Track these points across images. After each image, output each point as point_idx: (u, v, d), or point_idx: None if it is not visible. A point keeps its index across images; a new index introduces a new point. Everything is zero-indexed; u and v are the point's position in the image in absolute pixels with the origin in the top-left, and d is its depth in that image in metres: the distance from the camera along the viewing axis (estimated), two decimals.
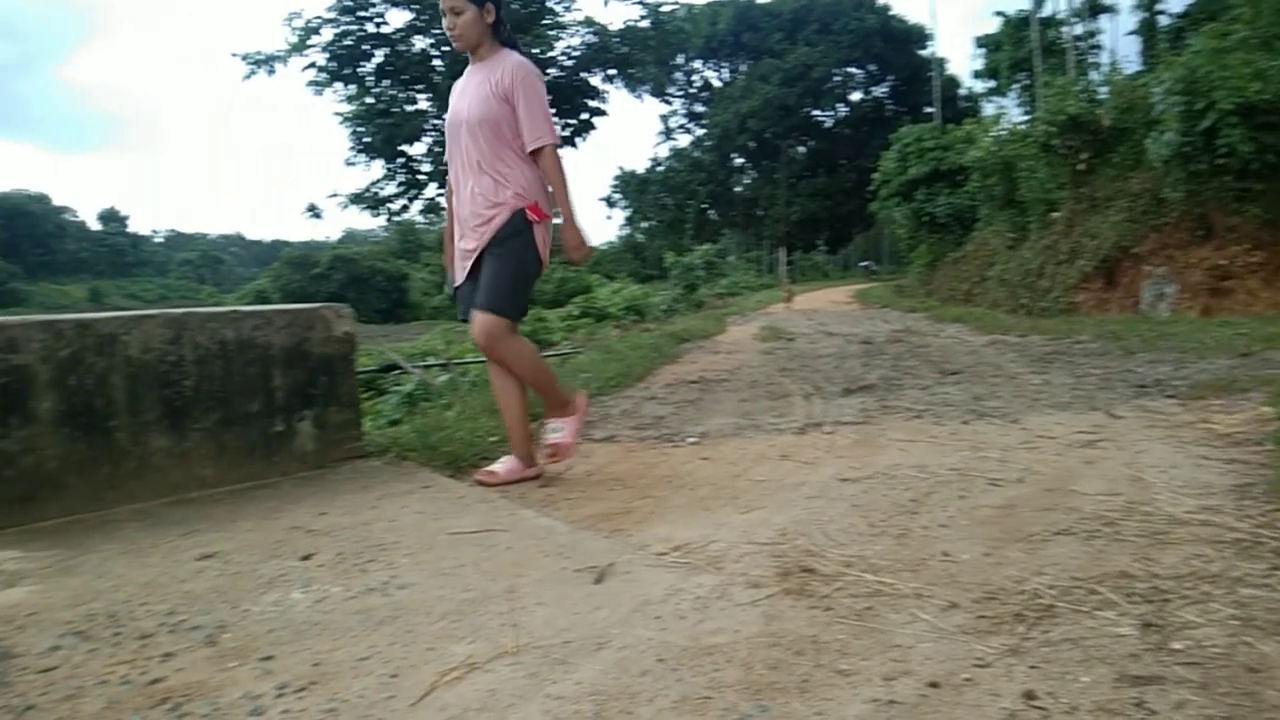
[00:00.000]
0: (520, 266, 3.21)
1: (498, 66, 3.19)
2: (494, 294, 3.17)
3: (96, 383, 2.81)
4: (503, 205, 3.18)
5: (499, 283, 3.19)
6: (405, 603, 2.07)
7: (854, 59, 52.46)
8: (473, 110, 3.18)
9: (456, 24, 3.14)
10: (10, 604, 2.08)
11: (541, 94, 3.21)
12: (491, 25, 3.20)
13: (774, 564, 2.31)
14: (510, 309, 3.21)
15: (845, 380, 6.06)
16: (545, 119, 3.20)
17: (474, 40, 3.20)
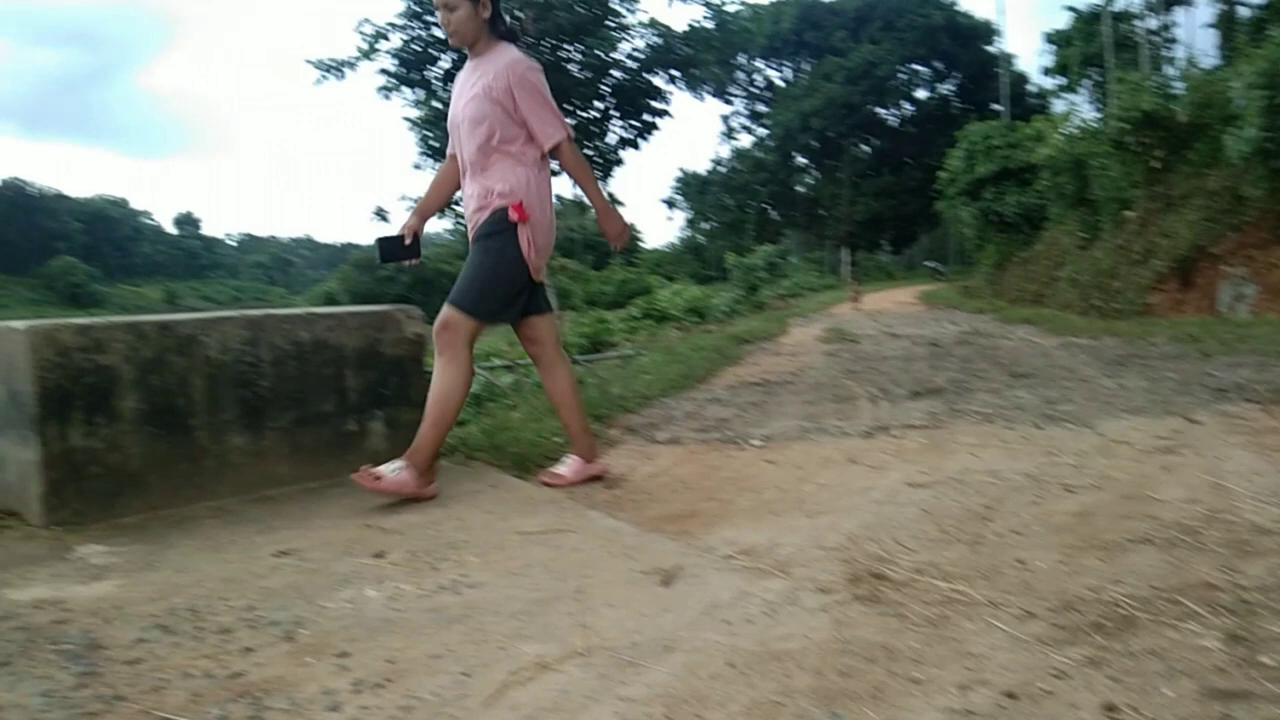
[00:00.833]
0: (494, 266, 3.15)
1: (493, 64, 3.12)
2: (460, 290, 3.13)
3: (177, 382, 2.89)
4: (487, 205, 3.15)
5: (468, 279, 3.15)
6: (476, 601, 2.10)
7: (919, 56, 51.81)
8: (467, 109, 3.15)
9: (451, 20, 3.06)
10: (98, 597, 2.15)
11: (541, 89, 3.14)
12: (488, 20, 3.12)
13: (843, 569, 2.29)
14: (474, 307, 3.13)
15: (912, 383, 5.98)
16: (552, 114, 3.15)
17: (470, 36, 3.14)
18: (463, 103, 3.17)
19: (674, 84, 8.61)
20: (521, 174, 3.14)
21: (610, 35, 8.13)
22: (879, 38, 50.68)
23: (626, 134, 8.78)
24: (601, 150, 8.77)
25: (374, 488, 2.89)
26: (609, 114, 8.64)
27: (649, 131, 8.67)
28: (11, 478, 2.82)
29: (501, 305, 3.21)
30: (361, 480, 2.88)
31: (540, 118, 3.12)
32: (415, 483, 2.97)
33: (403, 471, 2.95)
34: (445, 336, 3.10)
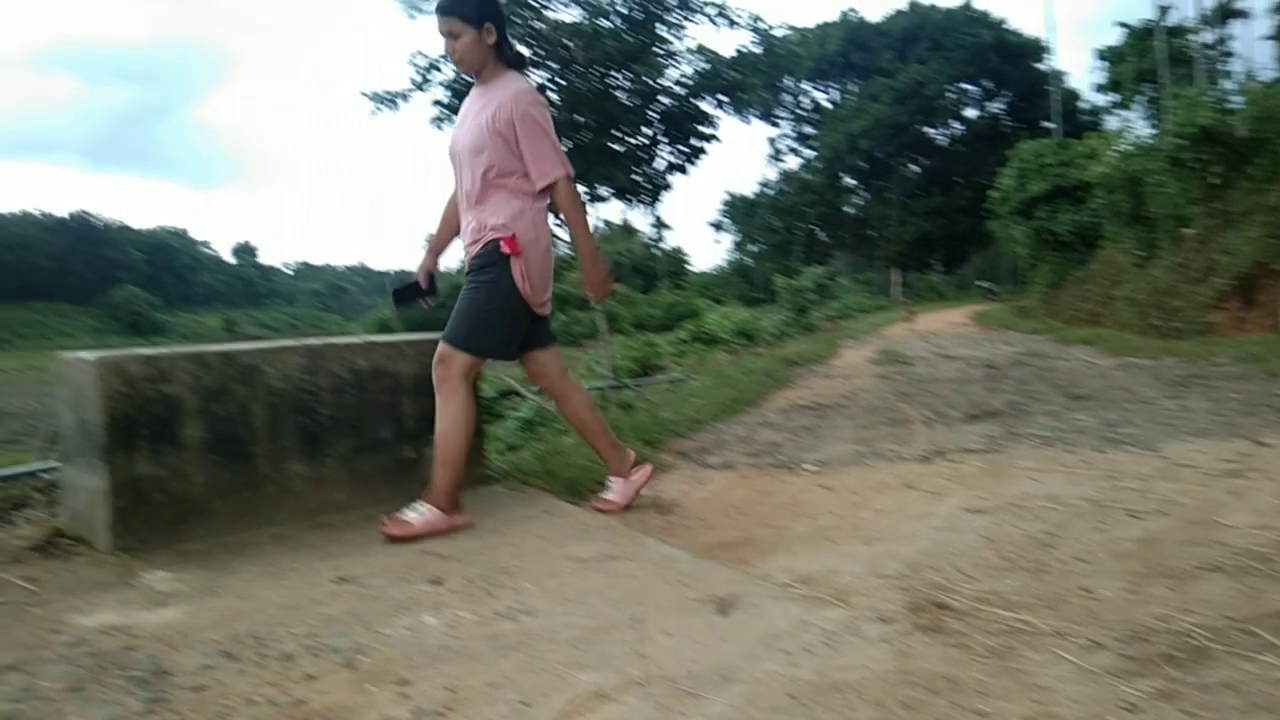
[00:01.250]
0: (488, 301, 3.07)
1: (498, 94, 3.06)
2: (454, 325, 3.08)
3: (239, 411, 2.95)
4: (479, 239, 3.10)
5: (461, 315, 3.08)
6: (533, 629, 2.10)
7: (968, 75, 51.41)
8: (467, 139, 3.09)
9: (455, 47, 3.03)
10: (163, 623, 2.19)
11: (544, 125, 3.06)
12: (494, 46, 3.08)
13: (903, 598, 2.26)
14: (468, 343, 3.06)
15: (968, 406, 5.90)
16: (553, 151, 3.07)
17: (475, 63, 3.09)
18: (464, 132, 3.12)
19: (721, 108, 8.61)
20: (517, 206, 3.08)
21: (658, 62, 8.19)
22: (926, 57, 50.40)
23: (674, 159, 8.80)
24: (650, 176, 8.81)
25: (405, 534, 2.88)
26: (657, 139, 8.68)
27: (697, 156, 8.69)
28: (80, 505, 2.90)
29: (499, 341, 3.14)
30: (391, 530, 2.88)
31: (539, 153, 3.04)
32: (443, 520, 2.96)
33: (428, 513, 2.95)
34: (440, 372, 3.06)
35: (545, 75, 8.28)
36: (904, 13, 54.89)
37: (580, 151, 8.43)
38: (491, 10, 3.06)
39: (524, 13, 7.69)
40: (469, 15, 3.00)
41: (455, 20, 3.00)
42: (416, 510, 2.95)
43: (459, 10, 3.00)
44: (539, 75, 8.28)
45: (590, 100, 7.99)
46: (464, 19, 3.00)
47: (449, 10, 3.01)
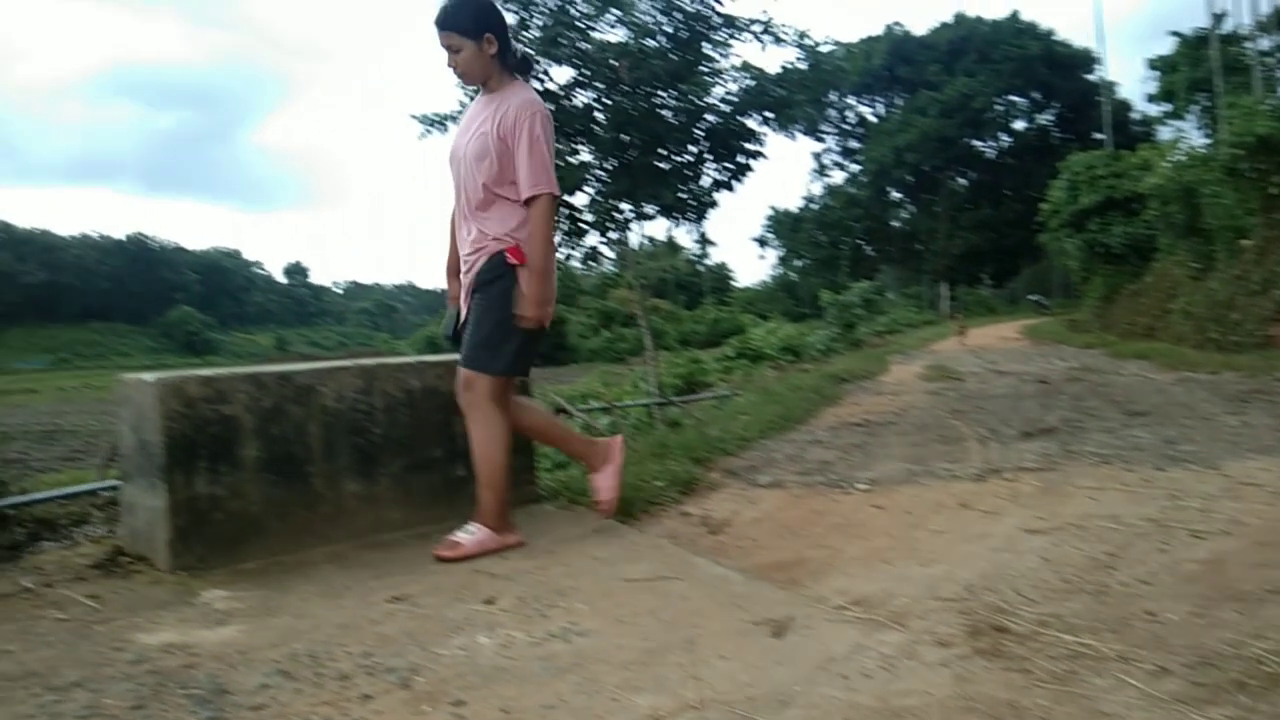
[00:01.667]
0: (500, 313, 2.99)
1: (504, 102, 2.99)
2: (475, 349, 3.01)
3: (295, 431, 2.99)
4: (482, 250, 3.02)
5: (480, 336, 3.01)
6: (587, 650, 2.09)
7: (1016, 87, 50.90)
8: (471, 146, 3.01)
9: (457, 62, 2.98)
10: (222, 642, 2.22)
11: (545, 138, 2.98)
12: (497, 55, 3.00)
13: (962, 621, 2.21)
14: (490, 364, 2.99)
15: (1023, 423, 5.80)
16: (545, 167, 2.97)
17: (480, 75, 3.03)
18: (466, 139, 3.04)
19: (767, 125, 8.59)
20: (520, 215, 3.01)
21: (704, 80, 8.20)
22: (974, 70, 49.96)
23: (720, 176, 8.79)
24: (696, 193, 8.81)
25: (458, 556, 2.89)
26: (703, 157, 8.68)
27: (743, 173, 8.67)
28: (141, 524, 2.95)
29: (520, 357, 3.06)
30: (444, 554, 2.89)
31: (532, 164, 2.95)
32: (494, 539, 2.97)
33: (478, 533, 2.96)
34: (468, 398, 3.02)
35: (591, 95, 8.34)
36: (949, 25, 54.52)
37: (626, 170, 8.47)
38: (490, 20, 3.00)
39: (570, 34, 7.75)
40: (466, 28, 2.94)
41: (453, 35, 2.95)
42: (468, 531, 2.96)
43: (456, 24, 2.95)
44: (585, 96, 8.34)
45: (637, 119, 8.02)
46: (462, 32, 2.94)
47: (446, 25, 2.95)
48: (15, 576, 2.81)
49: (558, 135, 8.49)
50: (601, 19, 7.95)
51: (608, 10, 7.80)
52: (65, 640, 2.25)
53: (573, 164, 8.56)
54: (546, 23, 7.64)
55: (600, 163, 8.67)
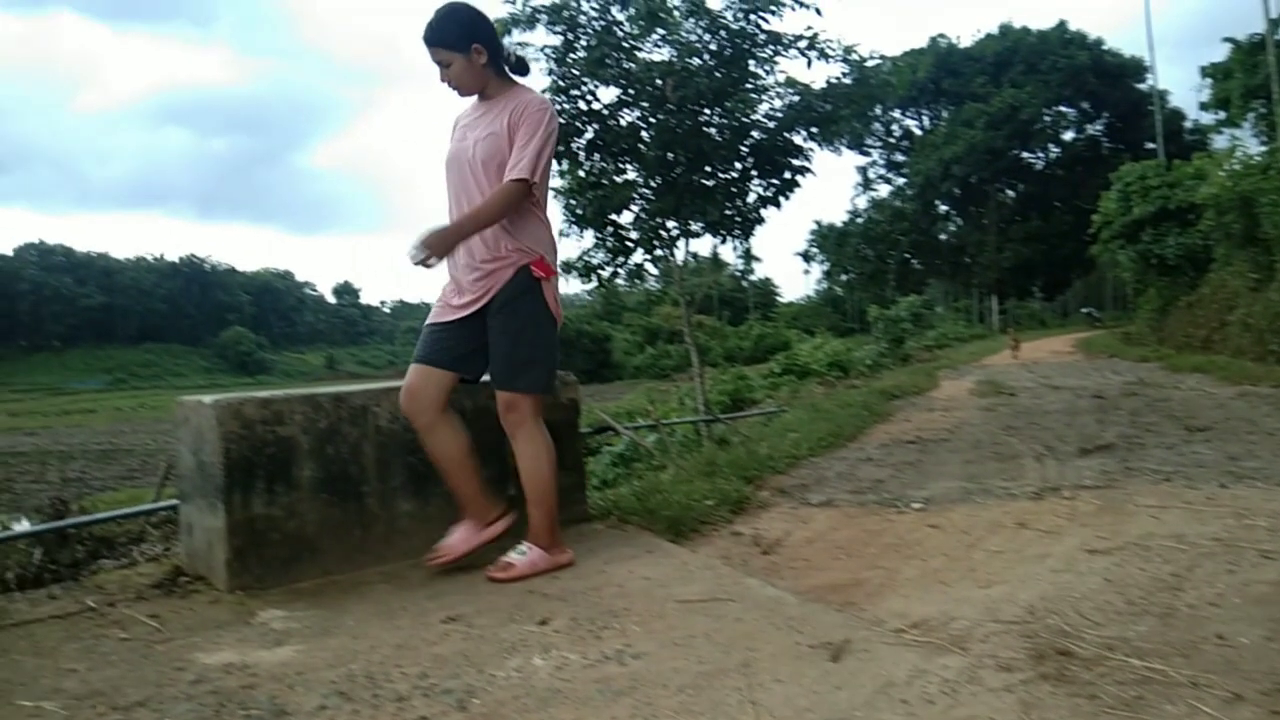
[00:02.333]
0: (535, 331, 2.96)
1: (510, 103, 2.95)
2: (514, 369, 2.95)
3: (350, 451, 3.02)
4: (504, 260, 2.93)
5: (519, 356, 2.94)
6: (641, 673, 2.08)
7: (1064, 97, 50.27)
8: (479, 149, 2.94)
9: (450, 76, 2.95)
10: (280, 662, 2.23)
11: (548, 133, 2.91)
12: (489, 63, 2.96)
13: (1025, 645, 2.16)
14: (532, 384, 2.96)
15: (1079, 439, 5.69)
16: (537, 156, 2.87)
17: (474, 85, 2.99)
18: (471, 142, 2.97)
19: (812, 140, 8.55)
20: (535, 224, 2.99)
21: (749, 97, 8.18)
22: (1021, 81, 49.42)
23: (766, 192, 8.76)
24: (741, 210, 8.78)
25: (511, 577, 2.88)
26: (748, 174, 8.66)
27: (790, 189, 8.63)
28: (200, 544, 2.99)
29: (552, 371, 3.05)
30: (497, 575, 2.89)
31: (526, 149, 2.86)
32: (545, 558, 2.96)
33: (530, 552, 2.96)
34: (512, 419, 2.98)
35: (636, 114, 8.37)
36: (994, 37, 54.06)
37: (672, 188, 8.47)
38: (476, 29, 2.94)
39: (616, 54, 7.79)
40: (453, 43, 2.92)
41: (441, 50, 2.92)
42: (520, 551, 2.96)
43: (442, 40, 2.92)
44: (630, 115, 8.37)
45: (682, 137, 8.02)
46: (449, 47, 2.92)
47: (433, 41, 2.93)
48: (79, 595, 2.86)
49: (603, 155, 8.56)
50: (647, 39, 7.99)
51: (653, 30, 7.84)
52: (128, 659, 2.29)
53: (619, 183, 8.59)
54: (592, 43, 7.69)
55: (646, 181, 8.69)
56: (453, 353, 3.00)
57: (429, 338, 3.03)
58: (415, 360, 3.01)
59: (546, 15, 7.64)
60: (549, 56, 7.85)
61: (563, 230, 8.85)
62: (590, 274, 9.19)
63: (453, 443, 2.98)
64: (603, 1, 7.75)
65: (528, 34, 7.77)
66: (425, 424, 2.96)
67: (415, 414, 2.97)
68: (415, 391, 2.96)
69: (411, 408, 2.97)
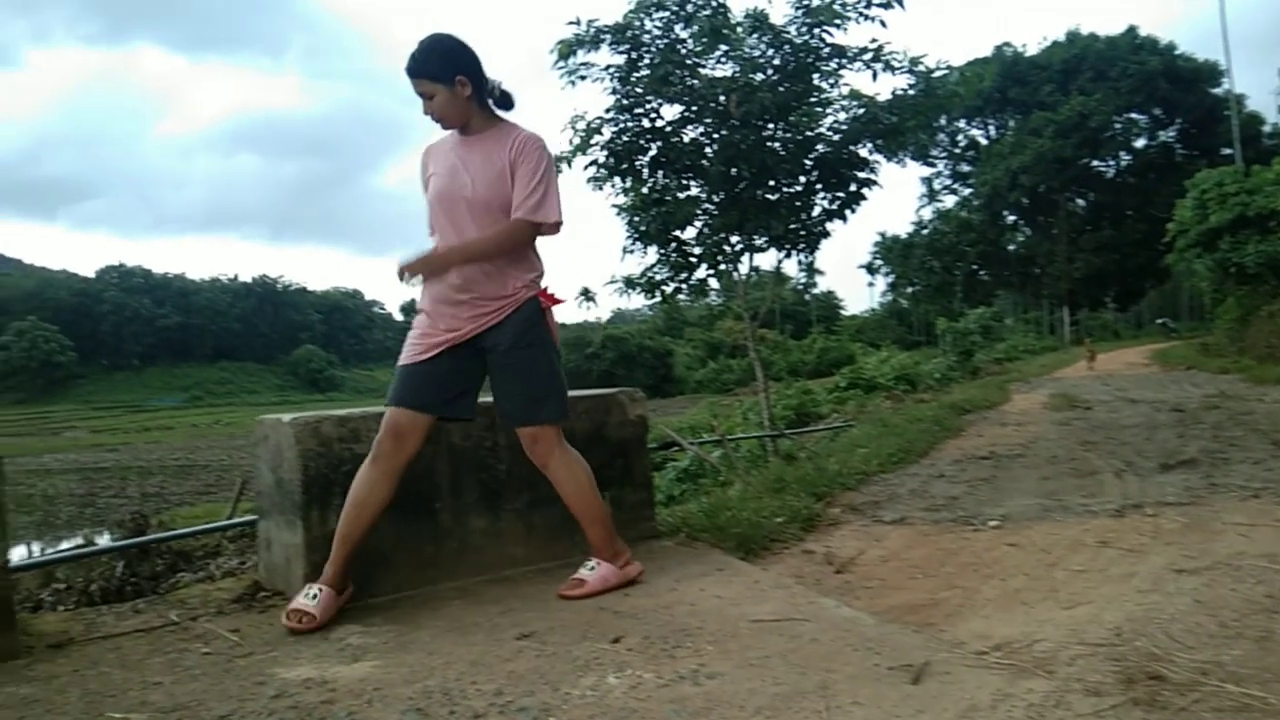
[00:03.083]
0: (548, 362, 2.92)
1: (504, 140, 2.91)
2: (533, 404, 2.89)
3: (424, 468, 3.05)
4: (512, 297, 2.89)
5: (536, 390, 2.89)
6: (717, 694, 2.05)
7: (1136, 104, 49.07)
8: (479, 189, 2.86)
9: (432, 108, 2.88)
10: (358, 678, 2.26)
11: (552, 170, 2.91)
12: (473, 96, 2.88)
13: (1113, 669, 2.09)
14: (554, 415, 2.91)
15: (1160, 454, 5.52)
16: (557, 196, 2.88)
17: (457, 118, 2.91)
18: (468, 181, 2.88)
19: (878, 152, 8.47)
20: (535, 256, 2.98)
21: (814, 111, 8.14)
22: (1090, 88, 48.37)
23: (830, 206, 8.69)
24: (806, 224, 8.73)
25: (583, 594, 2.89)
26: (813, 187, 8.60)
27: (855, 202, 8.55)
28: (279, 559, 3.05)
29: (564, 394, 2.98)
30: (570, 593, 2.89)
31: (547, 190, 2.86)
32: (615, 573, 2.97)
33: (599, 568, 2.96)
34: (539, 452, 2.93)
35: (699, 131, 8.38)
36: (1061, 44, 53.06)
37: (735, 202, 8.45)
38: (460, 61, 2.87)
39: (680, 72, 7.81)
40: (436, 74, 2.85)
41: (424, 81, 2.85)
42: (589, 568, 2.96)
43: (425, 71, 2.85)
44: (693, 131, 8.38)
45: (746, 152, 8.00)
46: (432, 78, 2.85)
47: (416, 72, 2.86)
48: (162, 610, 2.93)
49: (666, 171, 8.58)
50: (710, 55, 8.00)
51: (716, 46, 7.84)
52: (211, 673, 2.33)
53: (682, 199, 8.60)
54: (656, 61, 7.72)
55: (709, 196, 8.68)
56: (442, 395, 2.87)
57: (414, 379, 2.87)
58: (401, 404, 2.83)
59: (610, 35, 7.70)
60: (613, 76, 7.90)
61: (626, 247, 8.88)
62: (653, 290, 9.20)
63: (389, 495, 2.82)
64: (666, 20, 7.79)
65: (592, 54, 7.85)
66: (393, 468, 2.81)
67: (392, 455, 2.80)
68: (404, 435, 2.81)
69: (394, 448, 2.80)
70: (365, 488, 2.79)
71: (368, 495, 2.78)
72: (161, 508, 16.57)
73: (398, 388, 2.86)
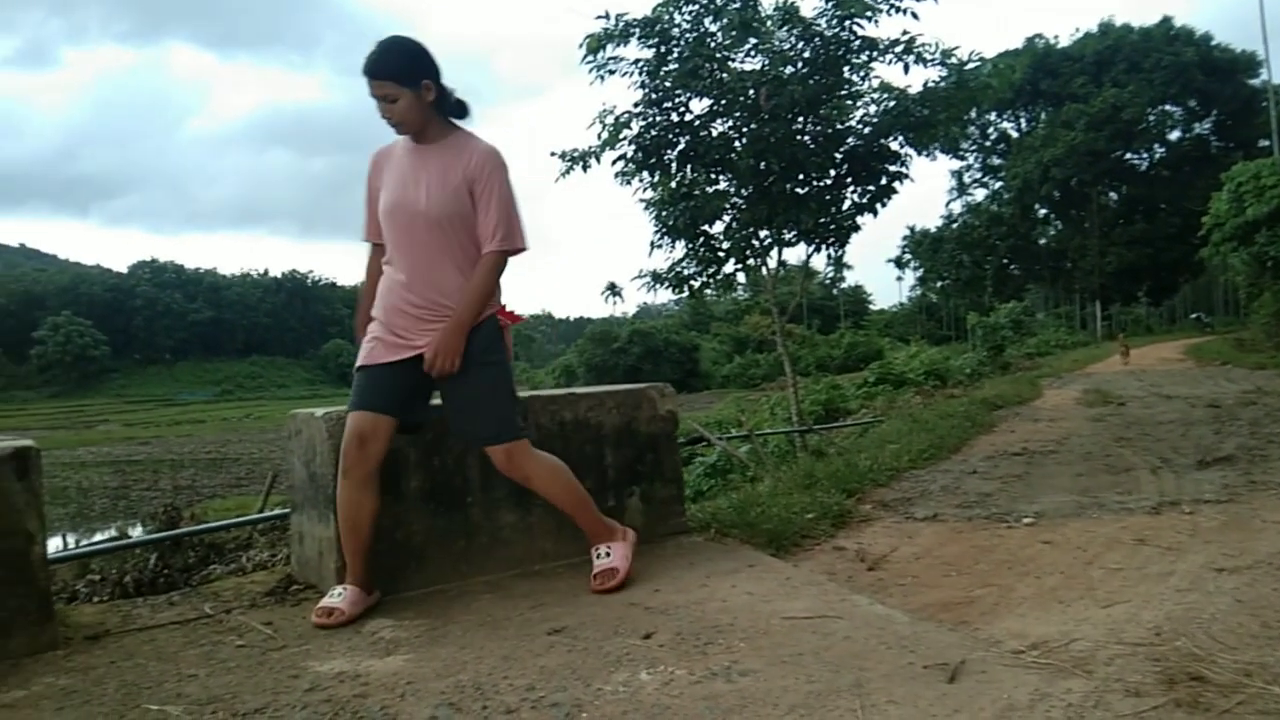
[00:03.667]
0: (506, 378, 2.90)
1: (461, 153, 2.85)
2: (500, 424, 2.83)
3: (455, 463, 3.06)
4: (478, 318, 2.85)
5: (501, 410, 2.85)
6: (750, 691, 2.04)
7: (1170, 96, 48.38)
8: (433, 205, 2.79)
9: (393, 111, 2.78)
10: (390, 672, 2.26)
11: (510, 187, 2.87)
12: (434, 102, 2.82)
13: (1154, 669, 2.06)
14: (521, 429, 2.88)
15: (1196, 451, 5.44)
16: (519, 220, 2.87)
17: (417, 124, 2.83)
18: (423, 194, 2.81)
19: (909, 145, 8.39)
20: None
21: (844, 104, 8.08)
22: (1123, 80, 47.74)
23: (861, 199, 8.62)
24: (836, 218, 8.66)
25: (620, 580, 2.89)
26: (843, 181, 8.54)
27: (886, 195, 8.48)
28: (311, 553, 3.07)
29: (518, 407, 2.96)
30: (607, 586, 2.88)
31: (510, 215, 2.84)
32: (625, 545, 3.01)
33: (614, 550, 2.97)
34: (512, 466, 2.86)
35: (728, 125, 8.34)
36: (1094, 35, 52.40)
37: (765, 197, 8.41)
38: (426, 64, 2.81)
39: (709, 65, 7.77)
40: (402, 76, 2.76)
41: (388, 84, 2.75)
42: (604, 554, 2.96)
43: (390, 73, 2.76)
44: (722, 125, 8.34)
45: (775, 146, 7.95)
46: (398, 81, 2.76)
47: (380, 74, 2.76)
48: (196, 602, 2.96)
49: (694, 166, 8.55)
50: (739, 49, 7.96)
51: (746, 39, 7.80)
52: (245, 666, 2.35)
53: (710, 194, 8.56)
54: (685, 55, 7.69)
55: (738, 190, 8.65)
56: (398, 397, 2.81)
57: (373, 382, 2.81)
58: (362, 407, 2.76)
59: (639, 29, 7.68)
60: (642, 70, 7.88)
61: (654, 241, 8.86)
62: (681, 285, 9.18)
63: (375, 503, 2.77)
64: (695, 13, 7.76)
65: (620, 48, 7.83)
66: (364, 475, 2.74)
67: (359, 462, 2.72)
68: (367, 438, 2.72)
69: (359, 455, 2.72)
70: (350, 508, 2.74)
71: (355, 514, 2.74)
72: (193, 500, 16.78)
73: (357, 393, 2.80)
